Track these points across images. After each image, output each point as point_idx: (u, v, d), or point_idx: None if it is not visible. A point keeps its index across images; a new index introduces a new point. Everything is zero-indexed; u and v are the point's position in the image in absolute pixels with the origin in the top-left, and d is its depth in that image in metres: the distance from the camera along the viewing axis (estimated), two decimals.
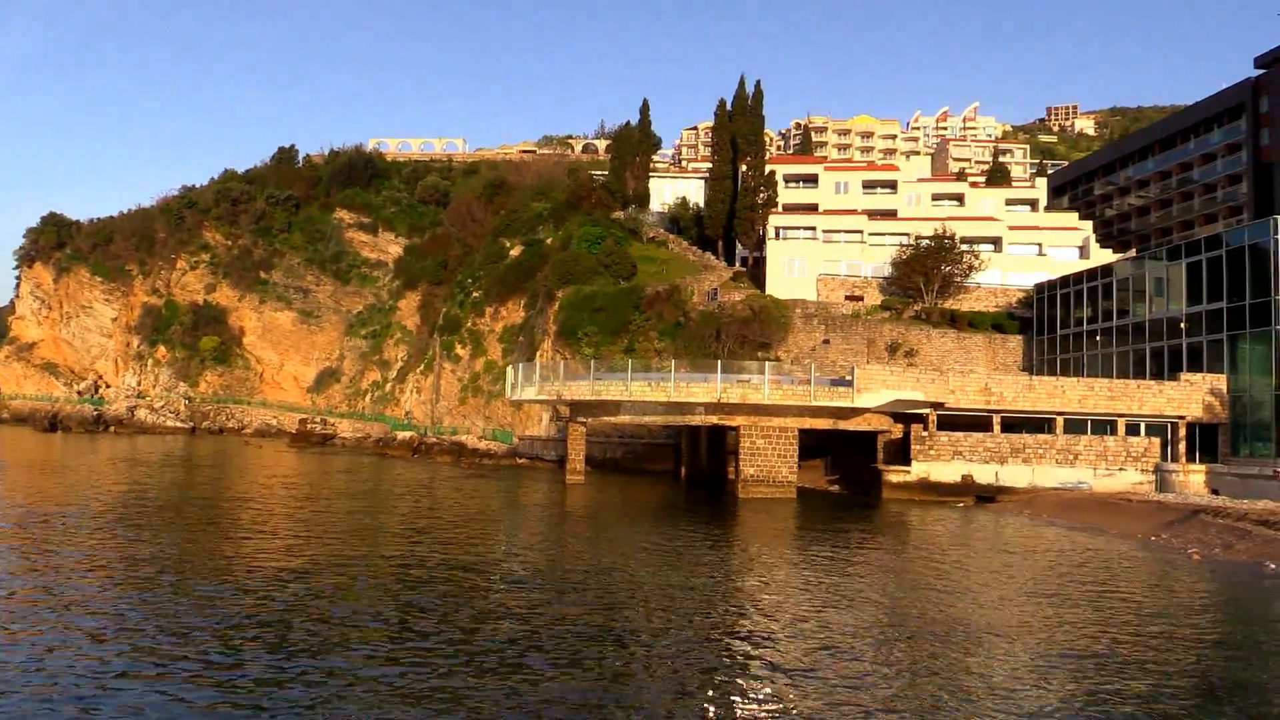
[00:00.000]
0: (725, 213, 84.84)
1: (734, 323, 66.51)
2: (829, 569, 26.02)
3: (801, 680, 14.90)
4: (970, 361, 65.76)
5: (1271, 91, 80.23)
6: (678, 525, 35.78)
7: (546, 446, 70.41)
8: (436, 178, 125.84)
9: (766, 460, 47.28)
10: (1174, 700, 14.18)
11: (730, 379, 47.55)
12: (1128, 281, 59.53)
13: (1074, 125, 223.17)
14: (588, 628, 17.74)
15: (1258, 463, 45.90)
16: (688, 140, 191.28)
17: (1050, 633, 18.64)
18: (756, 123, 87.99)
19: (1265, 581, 24.69)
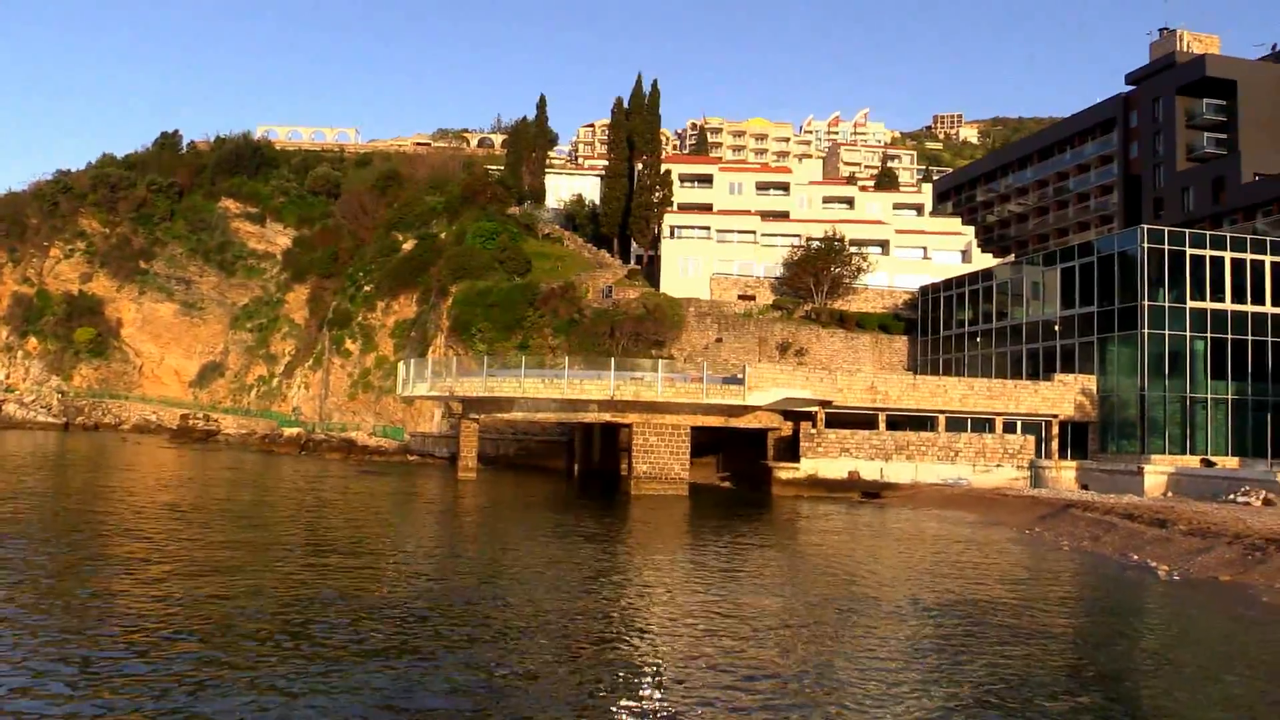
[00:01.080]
0: (621, 211, 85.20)
1: (628, 320, 66.89)
2: (720, 563, 26.42)
3: (693, 670, 15.13)
4: (858, 361, 67.45)
5: (1140, 107, 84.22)
6: (570, 521, 35.86)
7: (438, 443, 69.74)
8: (328, 168, 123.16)
9: (659, 457, 47.71)
10: (1043, 686, 14.85)
11: (624, 376, 47.83)
12: (1007, 285, 61.88)
13: (959, 134, 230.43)
14: (475, 624, 17.70)
15: (1124, 459, 48.26)
16: (584, 137, 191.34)
17: (929, 621, 19.32)
18: (653, 122, 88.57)
19: (1128, 572, 25.96)
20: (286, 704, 12.74)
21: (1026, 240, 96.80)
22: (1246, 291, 50.99)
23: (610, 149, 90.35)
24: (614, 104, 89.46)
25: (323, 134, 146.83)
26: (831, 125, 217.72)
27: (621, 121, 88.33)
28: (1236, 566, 24.60)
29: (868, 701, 13.85)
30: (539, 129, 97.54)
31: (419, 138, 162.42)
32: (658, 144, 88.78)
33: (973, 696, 14.18)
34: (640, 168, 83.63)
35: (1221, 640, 18.37)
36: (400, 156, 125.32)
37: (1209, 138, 78.84)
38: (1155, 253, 50.04)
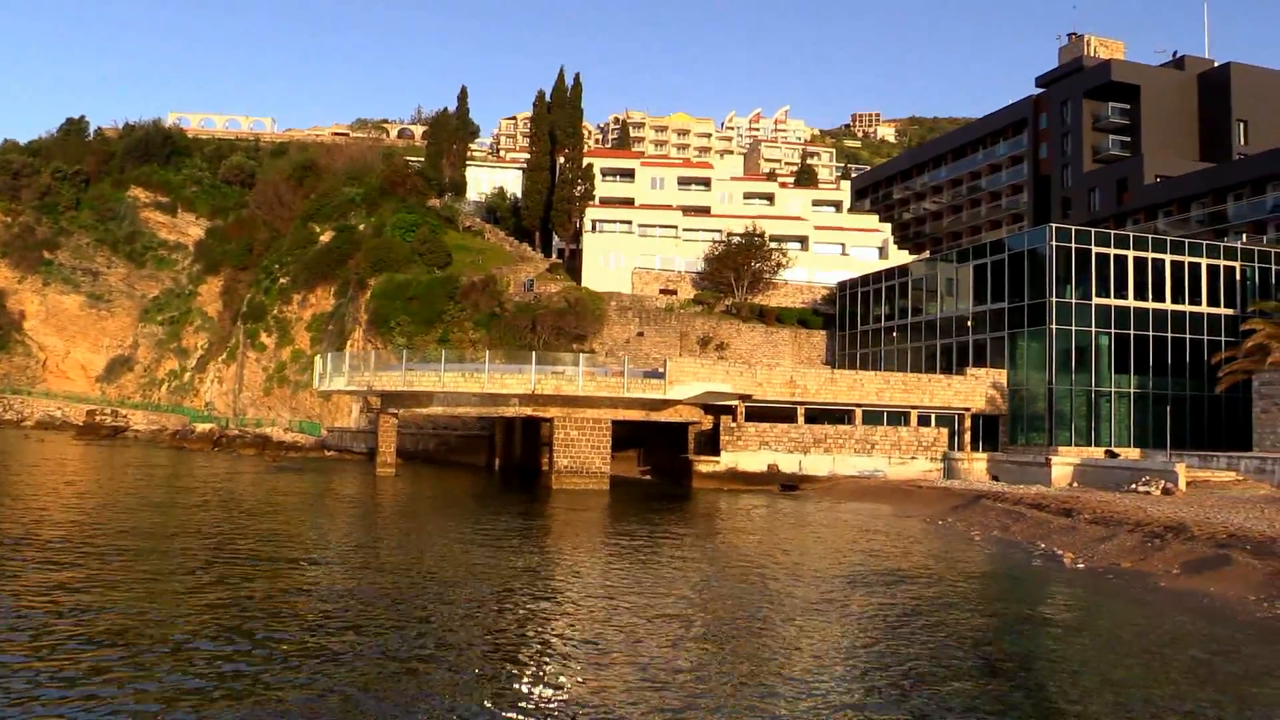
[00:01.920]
0: (543, 204, 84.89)
1: (550, 314, 66.70)
2: (640, 555, 26.56)
3: (611, 664, 15.21)
4: (777, 355, 68.25)
5: (1050, 109, 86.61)
6: (490, 516, 35.69)
7: (356, 438, 68.77)
8: (242, 157, 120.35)
9: (580, 451, 47.70)
10: (953, 672, 15.26)
11: (545, 370, 47.70)
12: (922, 281, 63.17)
13: (877, 132, 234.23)
14: (392, 619, 17.55)
15: (1032, 450, 49.65)
16: (506, 130, 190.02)
17: (844, 611, 19.69)
18: (575, 115, 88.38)
19: (1035, 560, 26.75)
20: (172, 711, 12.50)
21: (941, 237, 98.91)
22: (1148, 289, 52.80)
23: (532, 142, 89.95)
24: (536, 97, 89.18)
25: (237, 122, 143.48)
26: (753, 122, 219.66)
27: (544, 114, 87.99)
28: (1137, 554, 25.52)
29: (785, 691, 14.07)
30: (460, 121, 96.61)
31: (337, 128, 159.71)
32: (580, 137, 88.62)
33: (886, 683, 14.51)
34: (562, 161, 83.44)
35: (1123, 625, 19.05)
36: (318, 146, 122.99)
37: (1114, 140, 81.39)
38: (1063, 251, 51.53)
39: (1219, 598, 20.61)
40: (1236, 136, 78.30)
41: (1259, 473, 39.59)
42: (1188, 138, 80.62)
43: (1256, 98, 79.21)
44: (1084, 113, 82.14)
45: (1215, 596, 20.75)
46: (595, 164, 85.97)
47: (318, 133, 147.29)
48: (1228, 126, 78.60)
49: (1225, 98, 79.29)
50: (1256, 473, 39.70)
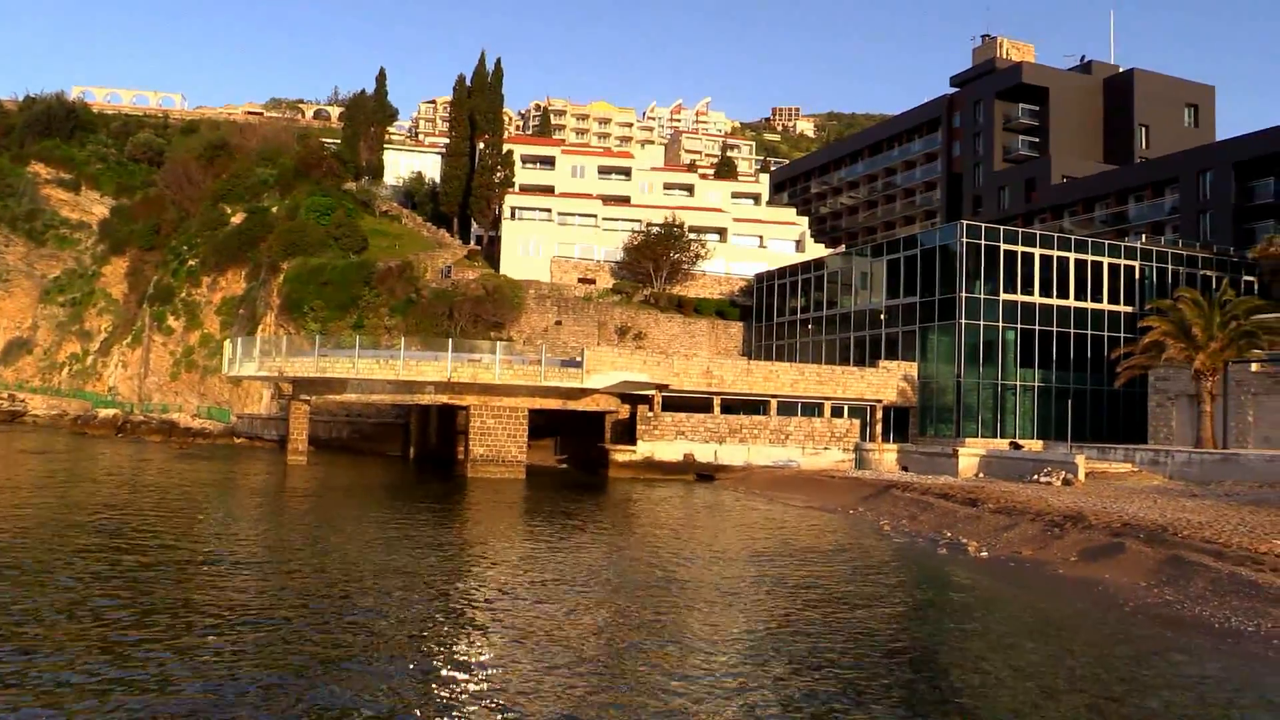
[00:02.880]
0: (461, 190, 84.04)
1: (467, 301, 66.16)
2: (555, 545, 26.58)
3: (522, 657, 15.21)
4: (695, 346, 68.71)
5: (963, 109, 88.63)
6: (404, 505, 35.32)
7: (267, 425, 67.42)
8: (150, 134, 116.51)
9: (497, 440, 47.48)
10: (859, 659, 15.59)
11: (462, 358, 47.34)
12: (837, 275, 64.18)
13: (796, 127, 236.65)
14: (300, 613, 17.29)
15: (940, 442, 50.88)
16: (426, 114, 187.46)
17: (755, 599, 19.98)
18: (496, 101, 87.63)
19: (941, 549, 27.43)
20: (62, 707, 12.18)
21: (857, 232, 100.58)
22: (1053, 286, 54.43)
23: (452, 127, 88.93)
24: (456, 81, 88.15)
25: (145, 98, 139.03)
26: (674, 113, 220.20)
27: (464, 99, 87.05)
28: (1038, 542, 26.34)
29: (692, 682, 14.23)
30: (378, 103, 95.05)
31: (250, 106, 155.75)
32: (500, 124, 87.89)
33: (793, 672, 14.76)
34: (482, 147, 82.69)
35: (1023, 611, 19.67)
36: (230, 125, 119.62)
37: (1023, 140, 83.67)
38: (973, 247, 52.82)
39: (1114, 584, 21.39)
40: (1139, 140, 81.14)
41: (1153, 464, 41.16)
42: (1093, 140, 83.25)
43: (1157, 103, 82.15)
44: (995, 113, 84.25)
45: (1110, 583, 21.54)
46: (515, 151, 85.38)
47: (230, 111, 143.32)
48: (1130, 130, 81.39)
49: (1128, 102, 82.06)
50: (1150, 464, 41.27)
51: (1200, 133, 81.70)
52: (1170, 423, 48.10)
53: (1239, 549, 21.77)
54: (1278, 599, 18.04)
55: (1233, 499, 31.59)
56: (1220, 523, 25.39)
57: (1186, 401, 46.64)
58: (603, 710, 12.54)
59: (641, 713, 12.48)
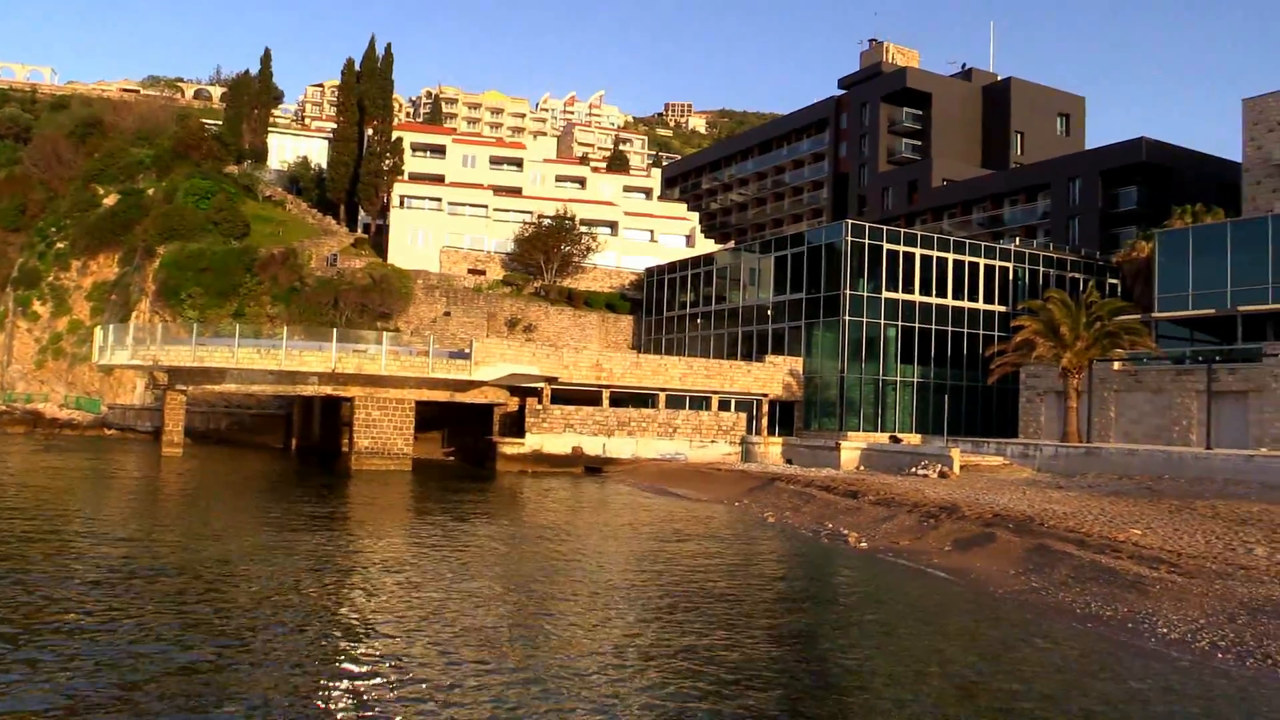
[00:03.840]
0: (349, 177, 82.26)
1: (354, 291, 64.92)
2: (439, 541, 26.35)
3: (405, 656, 15.08)
4: (585, 338, 68.81)
5: (850, 111, 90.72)
6: (284, 499, 34.54)
7: (141, 416, 65.01)
8: (16, 109, 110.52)
9: (382, 432, 46.76)
10: (742, 648, 15.92)
11: (347, 348, 46.47)
12: (726, 270, 65.05)
13: (688, 122, 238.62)
14: (173, 609, 16.80)
15: (824, 435, 52.07)
16: (313, 97, 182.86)
17: (640, 590, 20.18)
18: (385, 87, 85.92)
19: (823, 539, 28.13)
20: None
21: (746, 228, 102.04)
22: (932, 285, 56.23)
23: (340, 111, 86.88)
24: (345, 65, 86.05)
25: (11, 70, 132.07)
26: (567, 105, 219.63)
27: (352, 84, 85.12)
28: (914, 532, 27.25)
29: (575, 673, 14.33)
30: (263, 84, 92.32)
31: (126, 83, 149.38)
32: (390, 110, 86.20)
33: (676, 661, 14.98)
34: (371, 133, 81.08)
35: (898, 599, 20.34)
36: (104, 102, 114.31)
37: (907, 144, 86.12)
38: (857, 246, 54.17)
39: (985, 571, 22.28)
40: (1014, 146, 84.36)
41: (1023, 457, 42.92)
42: (972, 145, 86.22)
43: (1032, 111, 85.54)
44: (881, 116, 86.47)
45: (982, 570, 22.43)
46: (405, 138, 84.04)
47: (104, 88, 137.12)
48: (1007, 137, 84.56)
49: (1005, 110, 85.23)
50: (1021, 457, 43.02)
51: (1071, 141, 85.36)
52: (1039, 418, 50.21)
53: (1099, 538, 22.91)
54: (1133, 584, 19.07)
55: (1095, 490, 33.20)
56: (1083, 513, 26.67)
57: (1054, 397, 48.75)
58: (479, 704, 12.54)
59: (521, 705, 12.52)
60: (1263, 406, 40.91)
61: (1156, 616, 17.12)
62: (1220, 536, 22.79)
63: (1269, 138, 56.83)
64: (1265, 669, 14.23)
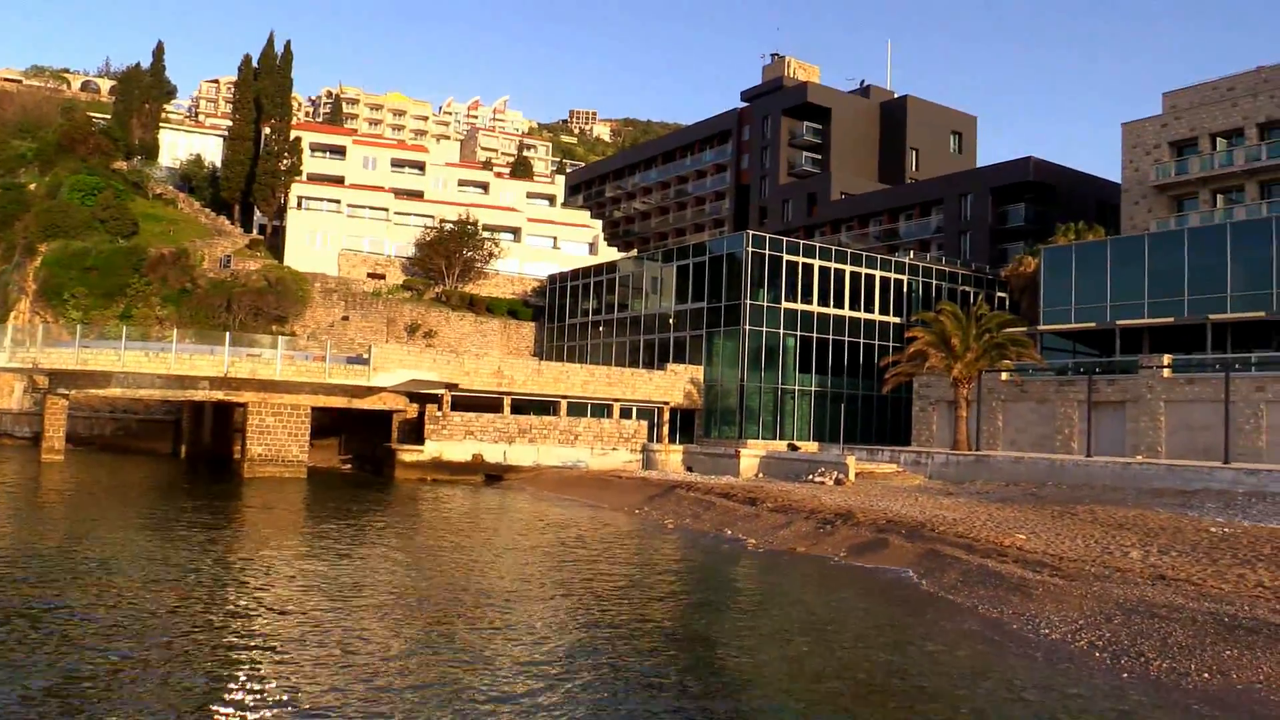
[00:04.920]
0: (245, 176, 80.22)
1: (248, 293, 63.34)
2: (333, 550, 25.88)
3: (296, 670, 14.80)
4: (486, 345, 68.33)
5: (752, 123, 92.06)
6: (172, 508, 33.48)
7: (19, 421, 62.27)
8: None
9: (276, 439, 45.70)
10: (641, 653, 16.02)
11: (240, 352, 45.31)
12: (629, 279, 65.36)
13: (593, 130, 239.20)
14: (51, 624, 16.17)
15: (724, 443, 52.69)
16: (207, 94, 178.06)
17: (540, 599, 20.15)
18: (284, 85, 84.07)
19: (723, 546, 28.46)
20: None
21: (649, 237, 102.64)
22: (830, 296, 57.41)
23: (236, 109, 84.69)
24: (242, 61, 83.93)
25: None
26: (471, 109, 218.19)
27: (250, 81, 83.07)
28: (811, 539, 27.78)
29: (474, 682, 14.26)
30: (155, 78, 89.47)
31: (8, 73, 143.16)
32: (288, 108, 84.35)
33: (574, 667, 15.02)
34: (268, 132, 79.22)
35: (796, 603, 20.71)
36: None
37: (807, 157, 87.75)
38: (758, 257, 55.01)
39: (878, 575, 22.85)
40: (910, 163, 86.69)
41: (915, 465, 44.12)
42: (870, 160, 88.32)
43: (927, 129, 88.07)
44: (782, 129, 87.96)
45: (875, 574, 22.99)
46: (304, 138, 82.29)
47: None
48: (903, 153, 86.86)
49: (902, 127, 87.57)
50: (913, 465, 44.22)
51: (963, 159, 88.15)
52: (931, 426, 51.66)
53: (987, 543, 23.71)
54: (1017, 587, 19.78)
55: (983, 497, 34.33)
56: (971, 519, 27.56)
57: (946, 407, 50.22)
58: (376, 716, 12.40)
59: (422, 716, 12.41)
60: (1138, 416, 42.84)
61: (1039, 618, 17.79)
62: (1099, 541, 23.79)
63: (1145, 160, 59.60)
64: (1138, 666, 14.92)
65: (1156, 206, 58.78)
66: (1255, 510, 28.68)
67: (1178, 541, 23.25)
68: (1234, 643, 15.11)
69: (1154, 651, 15.32)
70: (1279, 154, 53.58)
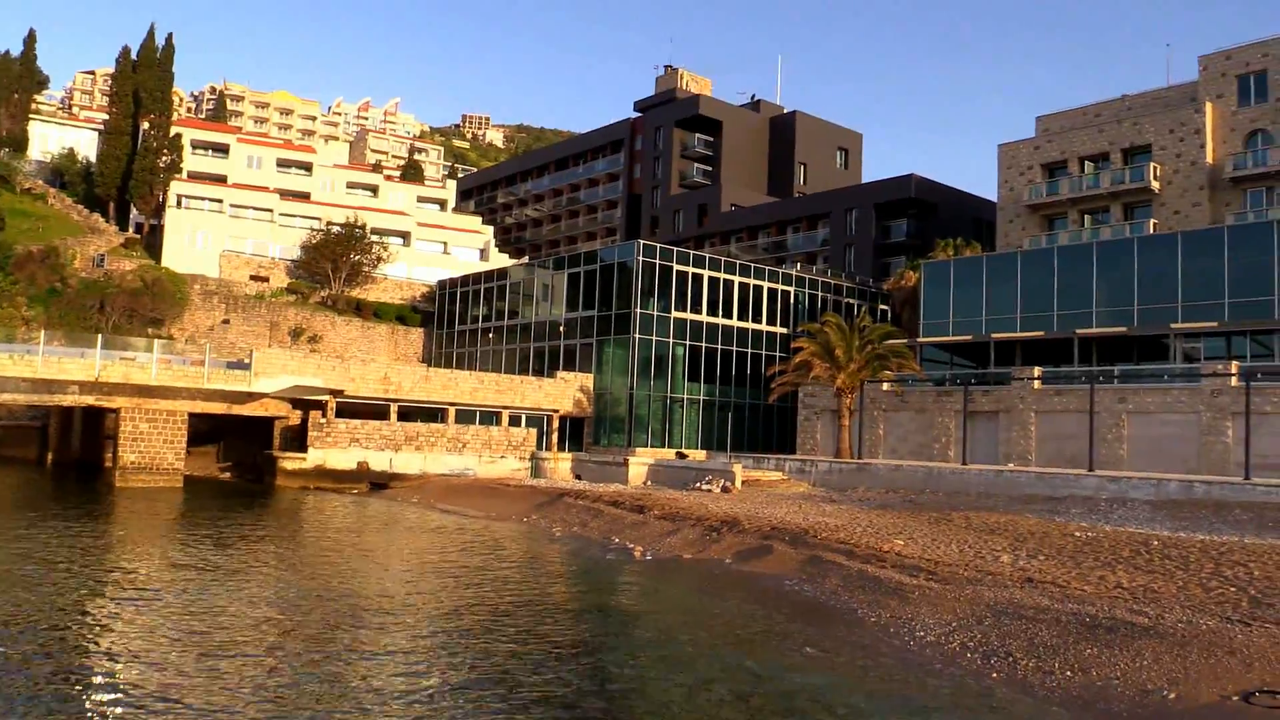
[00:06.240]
0: (121, 172, 77.20)
1: (123, 294, 61.02)
2: (209, 561, 25.13)
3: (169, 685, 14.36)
4: (374, 351, 67.22)
5: (645, 133, 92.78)
6: (37, 518, 31.98)
7: None
8: None
9: (151, 446, 44.08)
10: (525, 662, 16.00)
11: (113, 356, 43.57)
12: (520, 285, 65.15)
13: (486, 135, 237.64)
14: None
15: (613, 451, 52.86)
16: (83, 85, 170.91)
17: (425, 610, 19.93)
18: (165, 79, 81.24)
19: (610, 554, 28.57)
20: None
21: (541, 244, 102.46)
22: (719, 306, 58.23)
23: (113, 103, 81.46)
24: (121, 53, 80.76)
25: None
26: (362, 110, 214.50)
27: (128, 74, 80.00)
28: (697, 546, 28.11)
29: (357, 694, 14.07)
30: (25, 67, 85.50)
31: None
32: (169, 104, 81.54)
33: (458, 677, 14.93)
34: (147, 127, 76.42)
35: (681, 610, 20.94)
36: None
37: (698, 168, 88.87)
38: (648, 266, 55.46)
39: (763, 581, 23.26)
40: (798, 176, 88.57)
41: (799, 473, 45.04)
42: (759, 173, 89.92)
43: (814, 144, 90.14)
44: (674, 140, 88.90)
45: (761, 580, 23.40)
46: (185, 134, 79.66)
47: None
48: (791, 167, 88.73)
49: (790, 141, 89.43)
50: (798, 473, 45.13)
51: (849, 174, 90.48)
52: (815, 435, 52.81)
53: (866, 549, 24.38)
54: (895, 591, 20.40)
55: (864, 504, 35.24)
56: (853, 525, 28.29)
57: (830, 416, 51.40)
58: None
59: None
60: (1011, 425, 44.59)
61: (915, 621, 18.39)
62: (972, 545, 24.69)
63: (1019, 180, 62.17)
64: (1006, 666, 15.56)
65: (1029, 225, 61.33)
66: (1116, 515, 30.15)
67: (1045, 546, 24.29)
68: (1094, 641, 15.88)
69: (1021, 651, 15.99)
70: (1140, 178, 56.54)
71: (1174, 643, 15.36)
